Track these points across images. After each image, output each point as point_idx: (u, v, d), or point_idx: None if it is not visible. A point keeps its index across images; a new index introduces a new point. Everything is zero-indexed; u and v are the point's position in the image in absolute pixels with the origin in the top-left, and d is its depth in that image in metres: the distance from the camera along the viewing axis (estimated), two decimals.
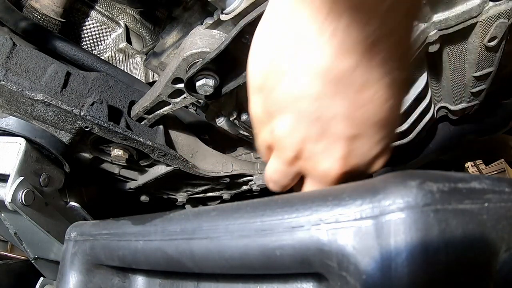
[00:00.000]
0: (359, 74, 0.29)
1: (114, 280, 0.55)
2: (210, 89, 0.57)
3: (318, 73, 0.29)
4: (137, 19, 1.03)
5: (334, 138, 0.33)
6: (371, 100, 0.30)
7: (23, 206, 0.59)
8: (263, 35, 0.33)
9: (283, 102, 0.32)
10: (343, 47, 0.27)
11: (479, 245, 0.26)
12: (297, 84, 0.31)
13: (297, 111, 0.32)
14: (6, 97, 0.59)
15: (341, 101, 0.30)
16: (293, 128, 0.33)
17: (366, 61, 0.28)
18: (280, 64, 0.31)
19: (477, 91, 0.77)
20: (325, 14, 0.26)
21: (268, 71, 0.32)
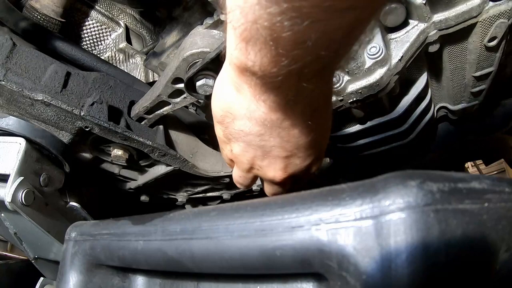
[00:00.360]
0: (287, 122, 0.40)
1: (114, 280, 0.55)
2: (210, 89, 0.57)
3: (258, 121, 0.41)
4: (137, 19, 1.03)
5: (274, 158, 0.45)
6: (298, 135, 0.42)
7: (23, 206, 0.59)
8: (218, 87, 0.43)
9: (236, 135, 0.45)
10: (272, 107, 0.39)
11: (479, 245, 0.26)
12: (245, 126, 0.43)
13: (247, 141, 0.44)
14: (6, 97, 0.59)
15: (276, 137, 0.42)
16: (245, 151, 0.46)
17: (290, 114, 0.40)
18: (232, 112, 0.42)
19: (477, 91, 0.77)
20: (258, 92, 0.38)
21: (223, 114, 0.44)
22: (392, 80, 0.66)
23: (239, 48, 0.33)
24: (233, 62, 0.36)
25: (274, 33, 0.28)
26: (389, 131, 0.82)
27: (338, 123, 0.82)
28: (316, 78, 0.36)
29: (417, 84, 0.74)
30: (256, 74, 0.35)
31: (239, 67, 0.36)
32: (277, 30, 0.28)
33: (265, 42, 0.30)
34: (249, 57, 0.33)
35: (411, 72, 0.72)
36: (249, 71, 0.35)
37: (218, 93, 0.44)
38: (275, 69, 0.33)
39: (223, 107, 0.43)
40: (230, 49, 0.36)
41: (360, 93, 0.66)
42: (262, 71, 0.34)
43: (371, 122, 0.79)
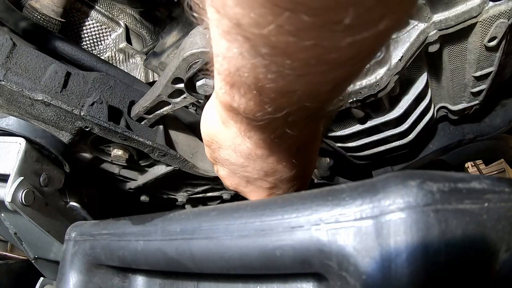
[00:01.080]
0: (271, 158, 0.42)
1: (114, 280, 0.55)
2: (210, 89, 0.57)
3: (243, 154, 0.42)
4: (137, 19, 1.03)
5: (258, 187, 0.47)
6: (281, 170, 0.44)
7: (23, 206, 0.59)
8: (206, 114, 0.44)
9: (222, 161, 0.46)
10: (257, 143, 0.40)
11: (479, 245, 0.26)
12: (229, 156, 0.44)
13: (231, 169, 0.46)
14: (6, 97, 0.59)
15: (260, 170, 0.44)
16: (230, 177, 0.48)
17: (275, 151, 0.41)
18: (218, 141, 0.43)
19: (477, 91, 0.77)
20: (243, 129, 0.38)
21: (210, 141, 0.45)
22: (392, 80, 0.66)
23: (224, 90, 0.33)
24: (219, 100, 0.37)
25: (258, 82, 0.28)
26: (389, 131, 0.82)
27: (338, 123, 0.82)
28: (301, 124, 0.37)
29: (417, 84, 0.74)
30: (241, 114, 0.35)
31: (225, 104, 0.36)
32: (261, 80, 0.28)
33: (249, 89, 0.30)
34: (234, 99, 0.33)
35: (411, 72, 0.72)
36: (234, 110, 0.35)
37: (205, 120, 0.45)
38: (259, 114, 0.33)
39: (210, 134, 0.44)
40: (216, 86, 0.36)
41: (360, 93, 0.66)
42: (246, 114, 0.34)
43: (371, 122, 0.79)
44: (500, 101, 0.92)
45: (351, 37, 0.22)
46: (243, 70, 0.28)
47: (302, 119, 0.35)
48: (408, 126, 0.80)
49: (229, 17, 0.23)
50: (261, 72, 0.27)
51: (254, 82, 0.28)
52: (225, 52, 0.28)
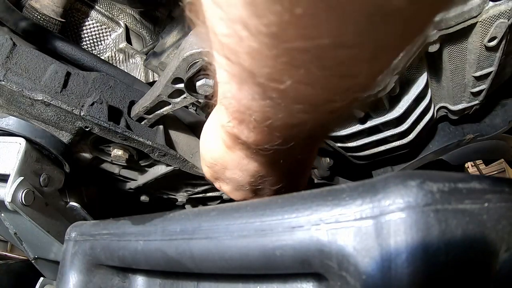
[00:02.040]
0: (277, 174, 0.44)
1: (114, 280, 0.55)
2: (210, 89, 0.57)
3: (250, 173, 0.43)
4: (137, 19, 1.03)
5: (263, 194, 0.48)
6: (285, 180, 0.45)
7: (23, 206, 0.59)
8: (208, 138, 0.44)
9: (226, 180, 0.46)
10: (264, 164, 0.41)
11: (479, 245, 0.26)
12: (236, 175, 0.44)
13: (235, 186, 0.47)
14: (6, 97, 0.59)
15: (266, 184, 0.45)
16: (234, 191, 0.49)
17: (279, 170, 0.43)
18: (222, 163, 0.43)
19: (477, 91, 0.77)
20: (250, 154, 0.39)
21: (213, 163, 0.44)
22: (392, 80, 0.66)
23: (232, 124, 0.33)
24: (225, 130, 0.36)
25: (268, 120, 0.29)
26: (389, 131, 0.82)
27: None
28: (306, 150, 0.40)
29: (417, 84, 0.74)
30: (250, 145, 0.35)
31: (231, 135, 0.36)
32: (270, 118, 0.28)
33: (259, 125, 0.30)
34: (242, 133, 0.33)
35: (411, 72, 0.72)
36: (242, 141, 0.35)
37: (207, 144, 0.44)
38: (268, 145, 0.33)
39: (213, 157, 0.44)
40: (221, 119, 0.36)
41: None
42: (255, 145, 0.34)
43: (371, 122, 0.79)
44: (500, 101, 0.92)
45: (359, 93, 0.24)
46: (253, 110, 0.28)
47: (307, 146, 0.37)
48: (408, 126, 0.80)
49: (242, 66, 0.24)
50: (271, 112, 0.27)
51: (264, 120, 0.29)
52: (234, 93, 0.28)
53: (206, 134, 0.45)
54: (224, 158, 0.42)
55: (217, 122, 0.40)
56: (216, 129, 0.41)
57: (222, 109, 0.34)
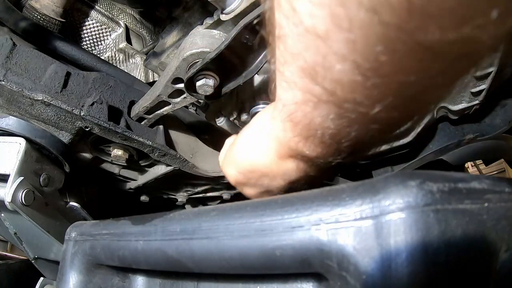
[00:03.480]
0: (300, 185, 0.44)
1: (114, 280, 0.55)
2: (210, 89, 0.57)
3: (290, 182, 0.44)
4: (137, 19, 1.03)
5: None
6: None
7: (23, 206, 0.59)
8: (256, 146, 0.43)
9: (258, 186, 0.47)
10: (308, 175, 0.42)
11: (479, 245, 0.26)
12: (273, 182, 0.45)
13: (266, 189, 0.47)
14: (6, 97, 0.59)
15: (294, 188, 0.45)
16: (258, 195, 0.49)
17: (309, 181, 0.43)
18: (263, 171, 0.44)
19: (477, 91, 0.76)
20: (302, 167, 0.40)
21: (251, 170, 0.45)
22: None
23: (298, 141, 0.34)
24: (285, 143, 0.37)
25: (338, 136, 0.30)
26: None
27: None
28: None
29: None
30: (310, 159, 0.36)
31: (292, 149, 0.36)
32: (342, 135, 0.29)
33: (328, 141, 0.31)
34: (308, 147, 0.34)
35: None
36: (303, 155, 0.36)
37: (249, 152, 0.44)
38: (331, 159, 0.34)
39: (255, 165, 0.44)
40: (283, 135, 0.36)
41: None
42: (318, 158, 0.35)
43: None
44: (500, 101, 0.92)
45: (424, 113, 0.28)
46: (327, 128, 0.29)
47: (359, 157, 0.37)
48: (408, 126, 0.80)
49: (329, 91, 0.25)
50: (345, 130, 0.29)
51: (335, 137, 0.30)
52: (309, 111, 0.29)
53: (251, 138, 0.44)
54: (271, 168, 0.42)
55: (272, 136, 0.39)
56: (268, 139, 0.40)
57: (286, 126, 0.34)
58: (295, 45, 0.25)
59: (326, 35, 0.22)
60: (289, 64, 0.27)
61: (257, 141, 0.43)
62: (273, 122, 0.38)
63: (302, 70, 0.26)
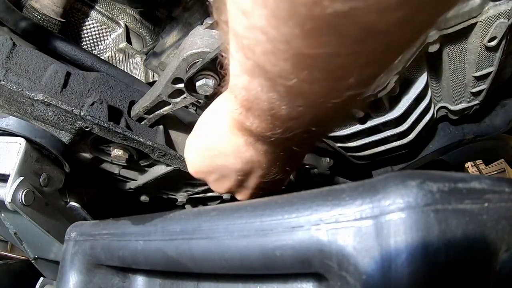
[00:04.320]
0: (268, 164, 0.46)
1: (114, 280, 0.55)
2: (210, 89, 0.57)
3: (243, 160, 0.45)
4: (137, 19, 1.03)
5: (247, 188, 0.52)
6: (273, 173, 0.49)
7: (23, 206, 0.59)
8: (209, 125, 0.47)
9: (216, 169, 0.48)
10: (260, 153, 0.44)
11: (479, 245, 0.26)
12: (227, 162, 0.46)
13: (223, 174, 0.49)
14: (6, 97, 0.59)
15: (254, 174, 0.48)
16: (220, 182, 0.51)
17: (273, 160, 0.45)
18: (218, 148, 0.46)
19: (477, 91, 0.77)
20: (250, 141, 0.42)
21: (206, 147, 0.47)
22: (392, 80, 0.66)
23: (240, 111, 0.37)
24: (232, 116, 0.41)
25: (272, 109, 0.33)
26: (389, 131, 0.82)
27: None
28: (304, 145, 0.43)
29: (417, 84, 0.74)
30: (253, 132, 0.39)
31: (238, 122, 0.40)
32: (274, 108, 0.33)
33: (264, 114, 0.35)
34: (248, 119, 0.37)
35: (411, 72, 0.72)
36: (246, 126, 0.39)
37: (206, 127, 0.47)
38: (269, 133, 0.37)
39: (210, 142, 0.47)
40: (230, 106, 0.40)
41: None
42: (258, 132, 0.38)
43: (371, 122, 0.79)
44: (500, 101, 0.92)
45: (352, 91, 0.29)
46: (260, 100, 0.33)
47: (305, 138, 0.39)
48: (408, 126, 0.80)
49: (257, 63, 0.29)
50: (276, 103, 0.32)
51: (269, 109, 0.33)
52: (245, 84, 0.33)
53: (207, 118, 0.48)
54: (223, 143, 0.45)
55: (223, 108, 0.44)
56: (221, 115, 0.44)
57: (232, 98, 0.38)
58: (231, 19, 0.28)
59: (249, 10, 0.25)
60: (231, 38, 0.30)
61: (213, 116, 0.47)
62: (226, 98, 0.43)
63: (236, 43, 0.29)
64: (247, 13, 0.25)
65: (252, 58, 0.28)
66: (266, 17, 0.24)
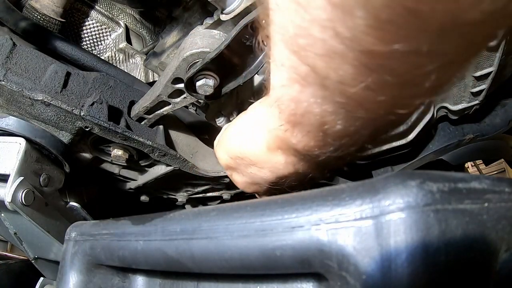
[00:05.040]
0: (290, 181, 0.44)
1: (114, 280, 0.55)
2: (210, 89, 0.57)
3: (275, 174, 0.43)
4: (137, 19, 1.03)
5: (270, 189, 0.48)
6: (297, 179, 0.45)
7: (23, 206, 0.59)
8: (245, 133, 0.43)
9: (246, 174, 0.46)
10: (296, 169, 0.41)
11: (479, 245, 0.26)
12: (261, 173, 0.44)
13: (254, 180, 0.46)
14: (6, 97, 0.59)
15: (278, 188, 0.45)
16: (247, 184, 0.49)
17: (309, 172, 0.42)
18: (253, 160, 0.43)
19: (477, 91, 0.76)
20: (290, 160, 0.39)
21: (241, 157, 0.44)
22: None
23: (285, 129, 0.33)
24: (275, 134, 0.36)
25: (325, 125, 0.28)
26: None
27: None
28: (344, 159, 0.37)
29: None
30: (298, 151, 0.35)
31: (280, 139, 0.35)
32: (329, 123, 0.28)
33: (314, 130, 0.30)
34: (295, 136, 0.33)
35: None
36: (291, 146, 0.34)
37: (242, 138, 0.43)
38: (318, 152, 0.33)
39: (244, 153, 0.43)
40: (271, 122, 0.35)
41: None
42: (304, 150, 0.34)
43: None
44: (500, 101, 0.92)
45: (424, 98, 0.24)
46: (312, 114, 0.28)
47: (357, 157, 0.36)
48: (408, 126, 0.80)
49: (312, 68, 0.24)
50: (331, 118, 0.27)
51: (321, 124, 0.29)
52: (295, 96, 0.28)
53: (241, 130, 0.44)
54: (259, 157, 0.41)
55: (262, 124, 0.39)
56: (259, 130, 0.40)
57: (273, 113, 0.33)
58: (281, 19, 0.24)
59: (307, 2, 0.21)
60: (278, 44, 0.26)
61: (249, 128, 0.43)
62: (264, 110, 0.38)
63: (288, 46, 0.25)
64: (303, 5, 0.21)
65: (307, 62, 0.24)
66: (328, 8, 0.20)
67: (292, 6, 0.22)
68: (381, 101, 0.25)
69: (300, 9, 0.21)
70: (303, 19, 0.22)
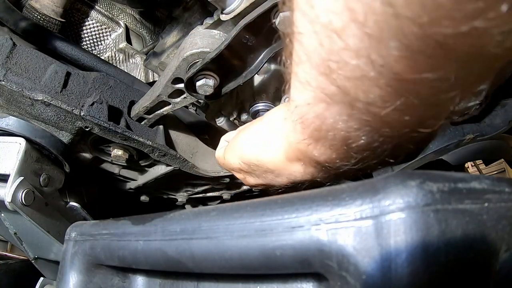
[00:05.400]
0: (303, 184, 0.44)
1: (114, 280, 0.55)
2: (210, 89, 0.57)
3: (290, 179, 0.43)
4: (137, 19, 1.03)
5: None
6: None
7: (23, 206, 0.59)
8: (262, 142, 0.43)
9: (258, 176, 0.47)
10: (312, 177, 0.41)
11: (479, 245, 0.26)
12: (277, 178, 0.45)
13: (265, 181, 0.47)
14: (6, 97, 0.59)
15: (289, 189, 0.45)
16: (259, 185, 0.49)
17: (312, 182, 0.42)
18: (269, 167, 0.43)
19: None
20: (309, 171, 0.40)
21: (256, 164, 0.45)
22: None
23: (308, 143, 0.33)
24: (296, 147, 0.36)
25: (349, 139, 0.29)
26: None
27: None
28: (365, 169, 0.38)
29: None
30: (319, 163, 0.35)
31: (302, 152, 0.36)
32: (352, 138, 0.29)
33: (338, 144, 0.30)
34: (317, 150, 0.33)
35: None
36: (312, 158, 0.35)
37: (259, 145, 0.43)
38: (339, 164, 0.33)
39: (261, 160, 0.43)
40: (294, 136, 0.35)
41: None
42: (325, 163, 0.34)
43: None
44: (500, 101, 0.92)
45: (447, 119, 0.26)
46: (337, 130, 0.29)
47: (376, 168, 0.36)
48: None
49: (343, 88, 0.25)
50: (355, 134, 0.28)
51: (345, 139, 0.29)
52: (320, 113, 0.29)
53: (258, 138, 0.44)
54: (277, 166, 0.42)
55: (282, 135, 0.39)
56: (278, 141, 0.40)
57: (295, 128, 0.34)
58: (311, 42, 0.25)
59: (342, 30, 0.22)
60: (304, 63, 0.27)
61: (266, 138, 0.43)
62: (284, 123, 0.38)
63: (317, 68, 0.26)
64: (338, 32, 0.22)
65: (337, 84, 0.25)
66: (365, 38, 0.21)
67: (325, 32, 0.23)
68: (406, 121, 0.26)
69: (334, 36, 0.22)
70: (335, 45, 0.23)
